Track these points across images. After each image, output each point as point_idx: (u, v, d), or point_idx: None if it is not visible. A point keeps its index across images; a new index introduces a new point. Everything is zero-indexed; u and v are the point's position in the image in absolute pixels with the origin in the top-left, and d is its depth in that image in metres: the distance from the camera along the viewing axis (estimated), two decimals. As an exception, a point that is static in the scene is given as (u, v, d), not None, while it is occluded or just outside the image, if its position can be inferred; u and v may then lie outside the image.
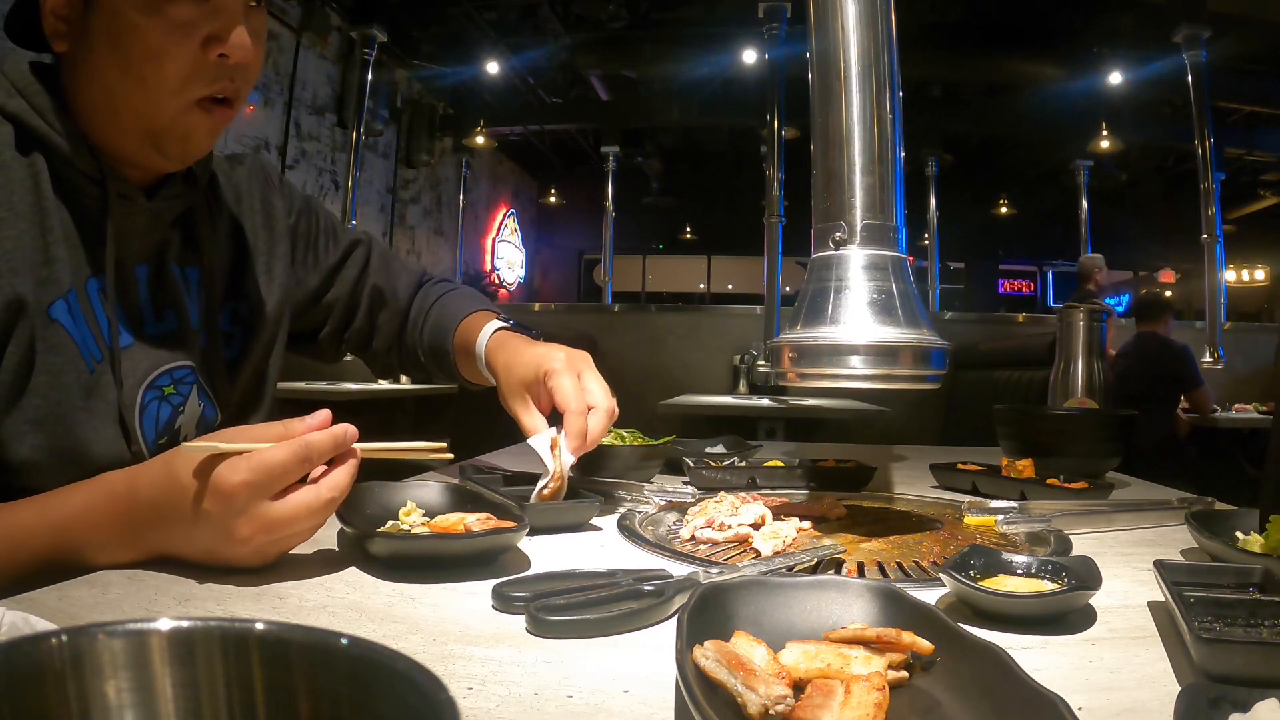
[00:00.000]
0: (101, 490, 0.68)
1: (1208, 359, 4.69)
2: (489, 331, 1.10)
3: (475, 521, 0.76)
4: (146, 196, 0.90)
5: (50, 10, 0.83)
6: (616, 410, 0.98)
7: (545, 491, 0.92)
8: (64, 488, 0.70)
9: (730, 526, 0.87)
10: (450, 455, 0.81)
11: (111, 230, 0.85)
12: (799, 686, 0.45)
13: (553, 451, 0.92)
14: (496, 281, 10.44)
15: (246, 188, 1.06)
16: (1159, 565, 0.62)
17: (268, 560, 0.68)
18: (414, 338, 1.21)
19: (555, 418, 0.97)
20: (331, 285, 1.16)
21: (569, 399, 0.94)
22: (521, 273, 11.67)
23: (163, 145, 0.86)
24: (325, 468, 0.69)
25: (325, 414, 0.69)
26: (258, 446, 0.65)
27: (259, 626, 0.29)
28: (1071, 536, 0.90)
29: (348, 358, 1.26)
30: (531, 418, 0.98)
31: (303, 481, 0.67)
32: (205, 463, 0.64)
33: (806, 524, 0.92)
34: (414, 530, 0.77)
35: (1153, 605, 0.66)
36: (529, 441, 0.96)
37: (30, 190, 0.80)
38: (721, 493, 1.00)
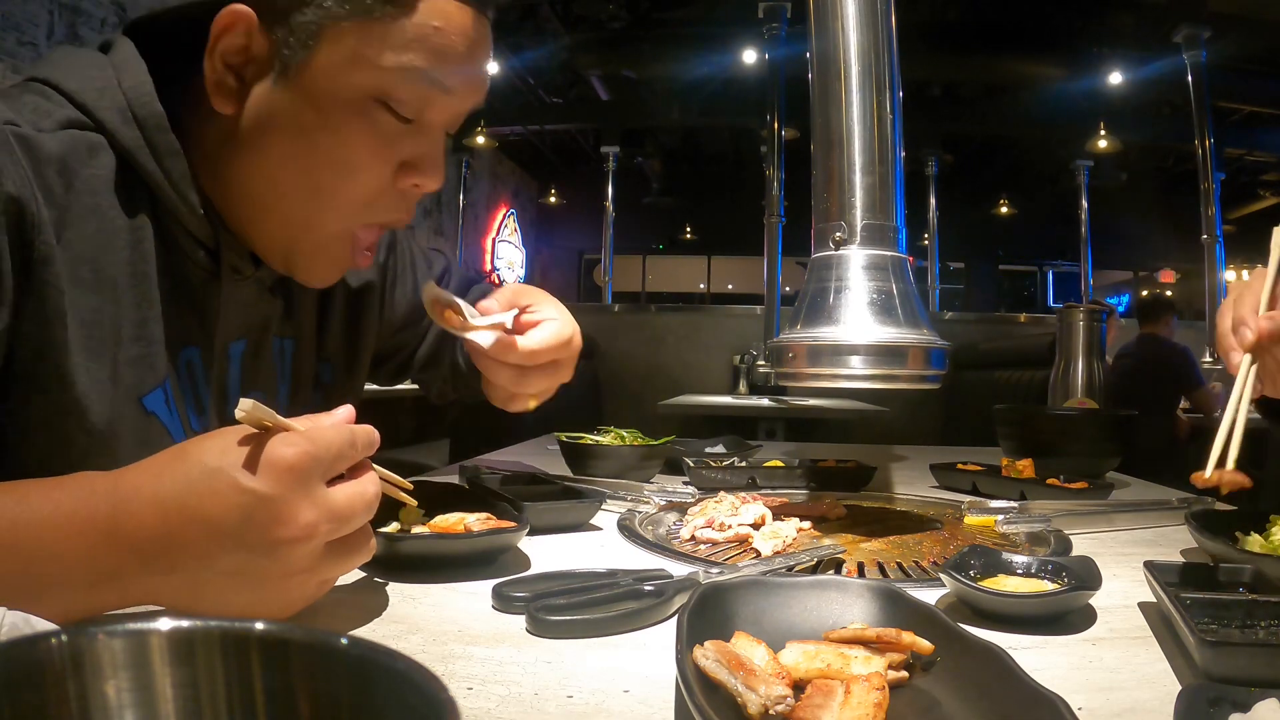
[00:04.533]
0: (76, 494, 0.49)
1: (1208, 359, 4.67)
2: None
3: (475, 521, 0.76)
4: (254, 263, 0.77)
5: (220, 55, 0.65)
6: (577, 337, 0.88)
7: (483, 327, 0.80)
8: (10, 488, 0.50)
9: (730, 526, 0.87)
10: (417, 506, 0.71)
11: (219, 305, 0.74)
12: (799, 686, 0.45)
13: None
14: (496, 282, 10.41)
15: None
16: (1149, 566, 0.62)
17: (315, 586, 0.53)
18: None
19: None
20: (416, 318, 1.05)
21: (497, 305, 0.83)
22: (521, 273, 11.65)
23: (294, 261, 0.74)
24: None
25: (349, 410, 0.56)
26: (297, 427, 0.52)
27: (259, 626, 0.29)
28: (1071, 536, 0.90)
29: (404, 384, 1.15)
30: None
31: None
32: (237, 442, 0.50)
33: (806, 524, 0.92)
34: (414, 530, 0.77)
35: (1147, 606, 0.66)
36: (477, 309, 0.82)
37: (128, 246, 0.67)
38: (721, 493, 1.00)
